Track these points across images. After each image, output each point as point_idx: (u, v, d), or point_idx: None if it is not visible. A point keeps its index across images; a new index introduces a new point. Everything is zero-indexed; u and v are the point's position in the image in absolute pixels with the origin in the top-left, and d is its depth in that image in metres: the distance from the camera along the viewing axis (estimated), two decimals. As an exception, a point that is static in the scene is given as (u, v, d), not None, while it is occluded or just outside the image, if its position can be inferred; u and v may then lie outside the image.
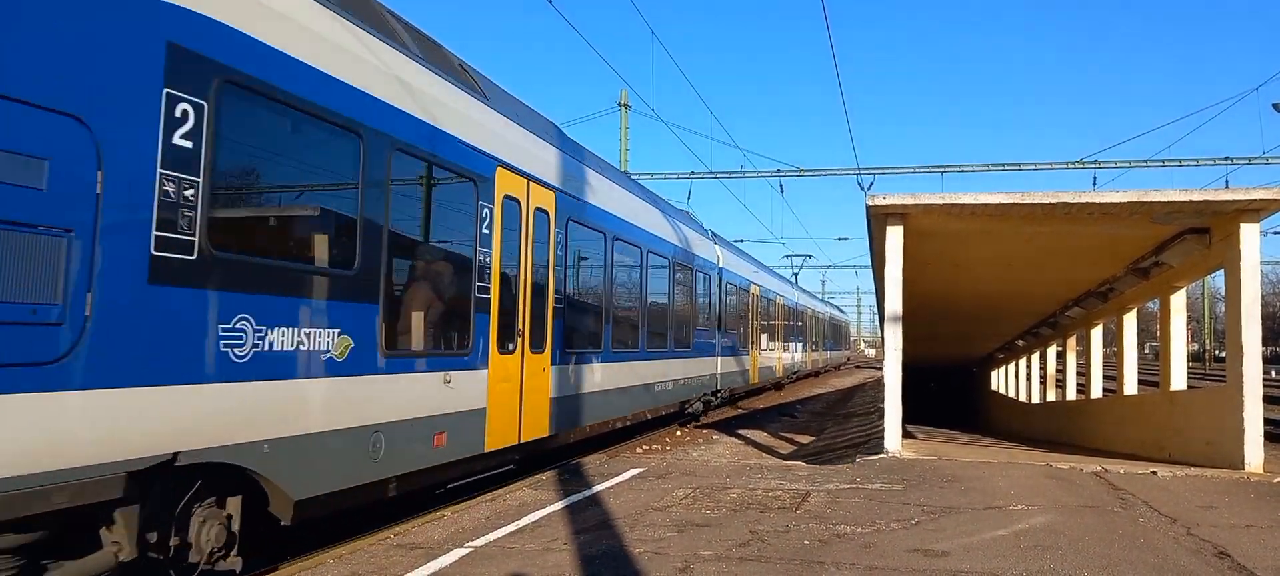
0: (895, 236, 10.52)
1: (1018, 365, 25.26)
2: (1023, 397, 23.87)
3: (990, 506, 7.27)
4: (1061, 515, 6.91)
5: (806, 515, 7.03)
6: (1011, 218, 10.38)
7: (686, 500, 7.80)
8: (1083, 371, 17.96)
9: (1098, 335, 17.18)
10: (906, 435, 13.96)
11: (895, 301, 10.72)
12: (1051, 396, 21.46)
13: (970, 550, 5.79)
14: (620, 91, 30.06)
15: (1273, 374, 47.41)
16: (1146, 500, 7.53)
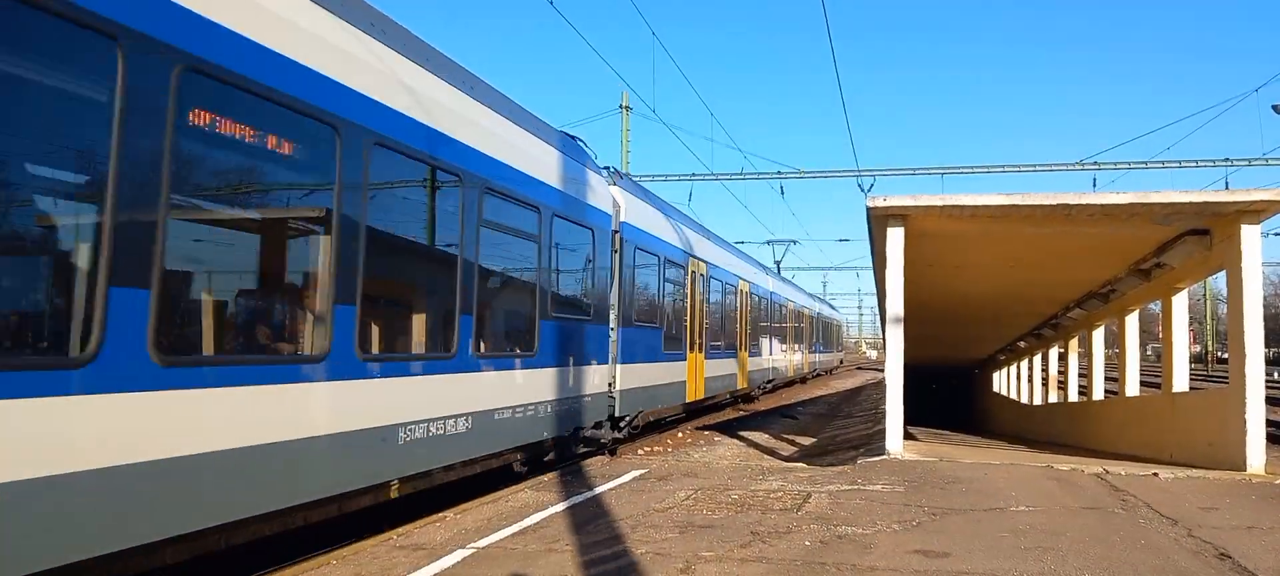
0: (896, 238, 10.53)
1: (1019, 366, 25.23)
2: (1024, 399, 23.84)
3: (992, 508, 7.28)
4: (1063, 516, 6.92)
5: (808, 516, 7.04)
6: (1012, 219, 10.39)
7: (688, 501, 7.82)
8: (1084, 373, 17.94)
9: (1099, 336, 17.16)
10: (908, 436, 13.95)
11: (896, 303, 10.74)
12: (1053, 398, 21.45)
13: (972, 551, 5.80)
14: (621, 93, 30.06)
15: (1275, 375, 47.32)
16: (1148, 501, 7.54)
